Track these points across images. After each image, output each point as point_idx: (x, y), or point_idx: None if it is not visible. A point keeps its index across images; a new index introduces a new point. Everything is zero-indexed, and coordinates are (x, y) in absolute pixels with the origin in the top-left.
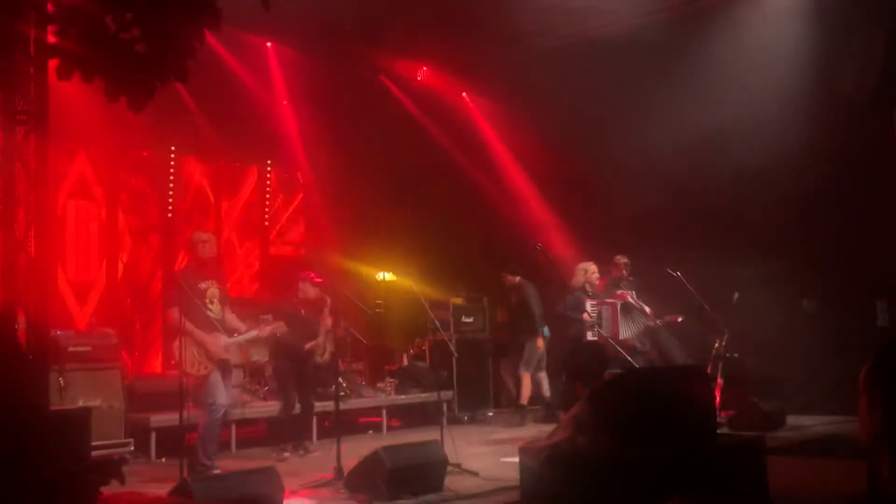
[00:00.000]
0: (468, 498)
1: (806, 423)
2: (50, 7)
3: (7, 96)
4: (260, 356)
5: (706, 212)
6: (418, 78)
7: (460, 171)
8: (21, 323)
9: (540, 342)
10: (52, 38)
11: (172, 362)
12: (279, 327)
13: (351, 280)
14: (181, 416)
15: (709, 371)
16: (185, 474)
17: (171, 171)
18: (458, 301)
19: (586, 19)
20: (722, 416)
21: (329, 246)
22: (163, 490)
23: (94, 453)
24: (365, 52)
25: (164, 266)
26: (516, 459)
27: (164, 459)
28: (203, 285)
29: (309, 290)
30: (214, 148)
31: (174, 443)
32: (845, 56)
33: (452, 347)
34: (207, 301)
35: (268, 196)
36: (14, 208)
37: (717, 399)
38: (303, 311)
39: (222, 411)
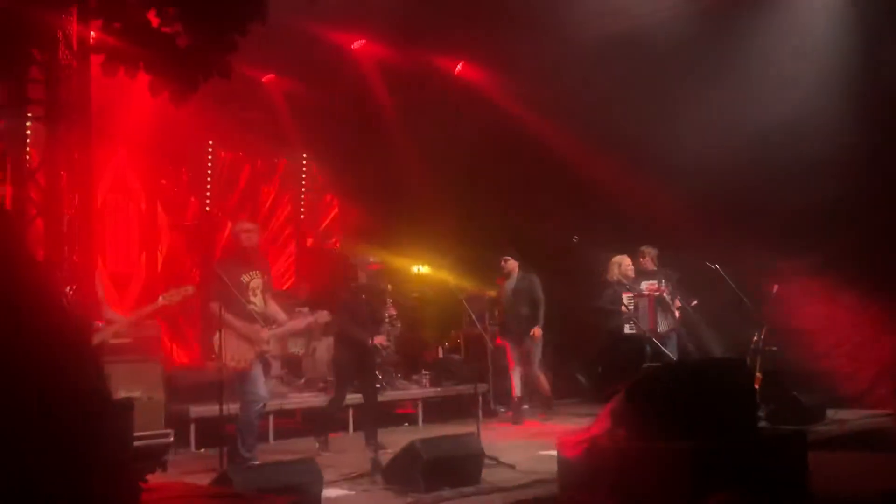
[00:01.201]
0: (506, 490)
1: (846, 418)
2: (93, 3)
3: (51, 91)
4: (297, 348)
5: (745, 204)
6: (456, 70)
7: (497, 164)
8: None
9: (538, 332)
10: (95, 34)
11: (213, 356)
12: (321, 316)
13: (387, 273)
14: (221, 408)
15: (747, 364)
16: (225, 465)
17: (209, 164)
18: (494, 294)
19: (626, 9)
20: (761, 410)
21: (365, 238)
22: (203, 480)
23: (135, 444)
24: (403, 43)
25: (202, 259)
26: (553, 452)
27: (203, 450)
28: (245, 278)
29: (364, 278)
30: (251, 141)
31: (214, 433)
32: (891, 46)
33: (487, 340)
34: (250, 294)
35: (304, 189)
36: (58, 201)
37: (756, 392)
38: (363, 298)
39: (262, 404)
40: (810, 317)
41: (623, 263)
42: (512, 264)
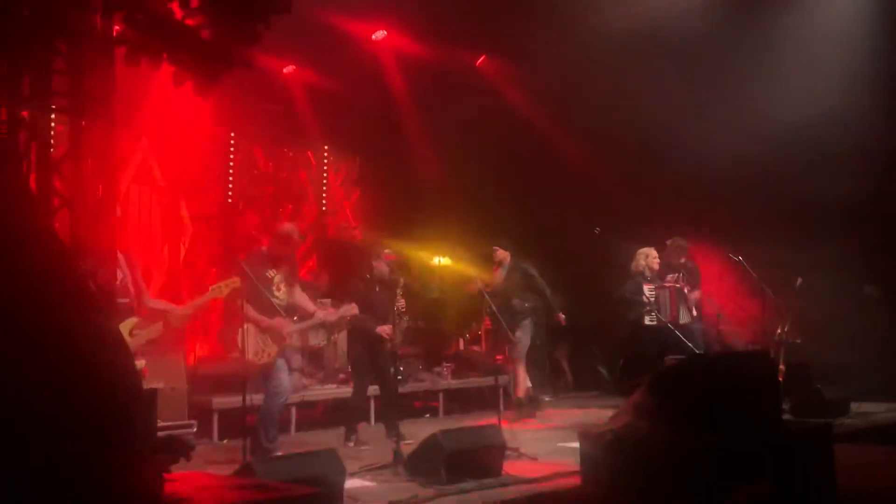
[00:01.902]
0: (528, 482)
1: (870, 411)
2: None
3: (75, 83)
4: (318, 340)
5: (769, 195)
6: (476, 64)
7: (516, 157)
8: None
9: (562, 317)
10: (118, 26)
11: (236, 350)
12: (349, 310)
13: (408, 265)
14: (244, 399)
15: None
16: (248, 456)
17: (231, 156)
18: (483, 285)
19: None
20: (785, 403)
21: (385, 230)
22: (226, 471)
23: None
24: (423, 36)
25: (225, 251)
26: (574, 444)
27: (226, 441)
28: (271, 273)
29: (384, 269)
30: (273, 133)
31: (236, 424)
32: None
33: (508, 332)
34: (274, 288)
35: (325, 180)
36: (82, 191)
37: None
38: (377, 289)
39: (285, 397)
40: (834, 309)
41: (650, 255)
42: (502, 254)
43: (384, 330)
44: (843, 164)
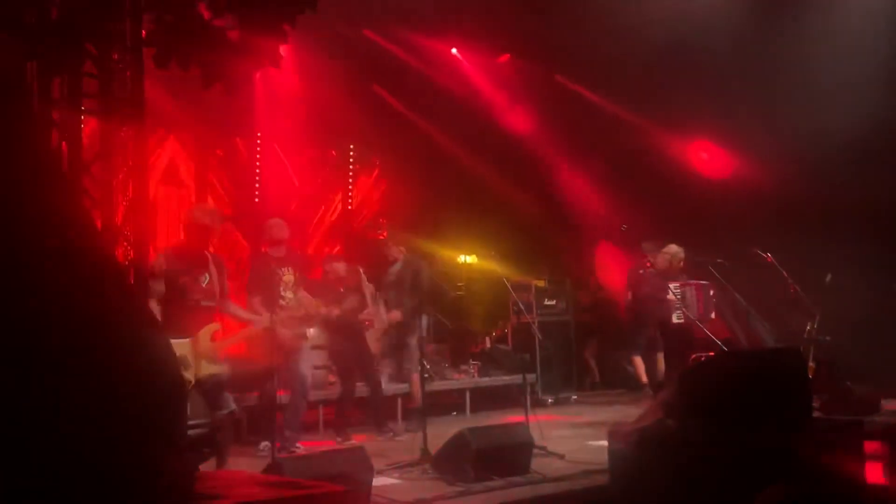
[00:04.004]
0: (556, 481)
1: None
2: None
3: (104, 85)
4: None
5: (798, 193)
6: (499, 61)
7: (543, 154)
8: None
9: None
10: (147, 27)
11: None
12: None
13: (433, 263)
14: (272, 398)
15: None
16: (276, 454)
17: (258, 156)
18: (541, 283)
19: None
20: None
21: (411, 228)
22: (255, 469)
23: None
24: (444, 34)
25: (251, 251)
26: (602, 443)
27: (257, 441)
28: (281, 271)
29: (339, 269)
30: (298, 133)
31: (266, 423)
32: None
33: (535, 330)
34: (282, 289)
35: (350, 180)
36: (114, 195)
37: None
38: (342, 289)
39: (304, 383)
40: (864, 306)
41: (678, 254)
42: (395, 250)
43: (366, 314)
44: (875, 161)
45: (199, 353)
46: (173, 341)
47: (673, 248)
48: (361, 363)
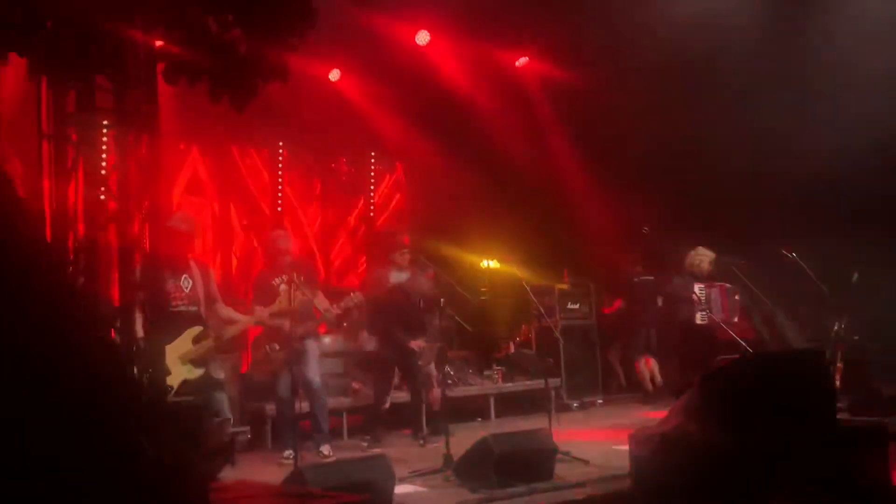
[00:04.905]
0: (579, 486)
1: None
2: (155, 12)
3: (119, 99)
4: (372, 345)
5: (825, 191)
6: (517, 64)
7: (565, 156)
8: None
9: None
10: (158, 42)
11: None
12: (352, 299)
13: (455, 268)
14: (296, 407)
15: (827, 354)
16: (300, 462)
17: (280, 164)
18: (564, 287)
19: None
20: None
21: (433, 234)
22: (278, 478)
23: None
24: (463, 38)
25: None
26: (625, 448)
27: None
28: (276, 281)
29: (425, 285)
30: (318, 140)
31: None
32: None
33: (558, 334)
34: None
35: (372, 186)
36: (129, 206)
37: (837, 383)
38: (421, 304)
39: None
40: (892, 305)
41: (708, 257)
42: (403, 258)
43: (417, 344)
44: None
45: (181, 357)
46: None
47: (702, 249)
48: (403, 375)
